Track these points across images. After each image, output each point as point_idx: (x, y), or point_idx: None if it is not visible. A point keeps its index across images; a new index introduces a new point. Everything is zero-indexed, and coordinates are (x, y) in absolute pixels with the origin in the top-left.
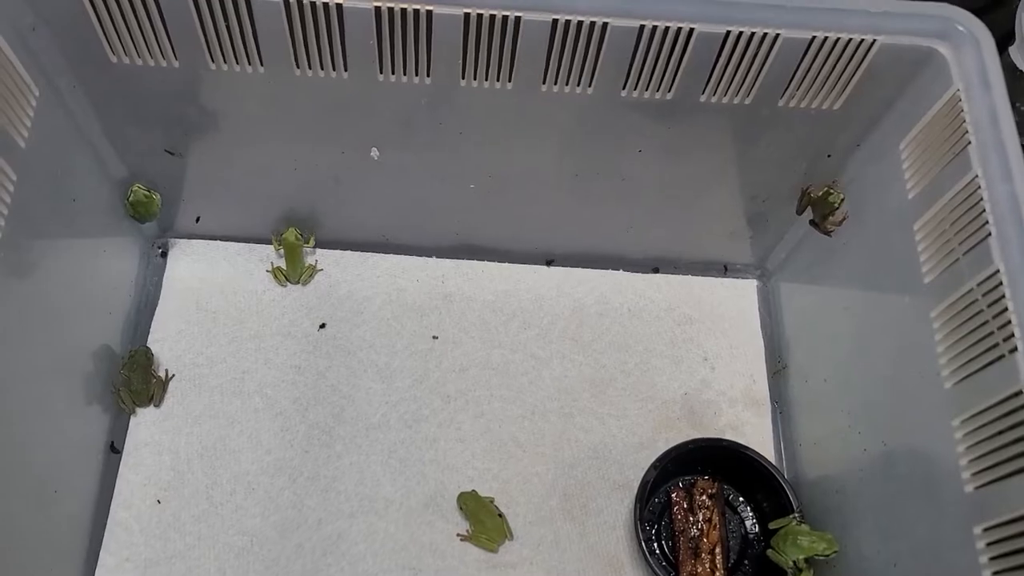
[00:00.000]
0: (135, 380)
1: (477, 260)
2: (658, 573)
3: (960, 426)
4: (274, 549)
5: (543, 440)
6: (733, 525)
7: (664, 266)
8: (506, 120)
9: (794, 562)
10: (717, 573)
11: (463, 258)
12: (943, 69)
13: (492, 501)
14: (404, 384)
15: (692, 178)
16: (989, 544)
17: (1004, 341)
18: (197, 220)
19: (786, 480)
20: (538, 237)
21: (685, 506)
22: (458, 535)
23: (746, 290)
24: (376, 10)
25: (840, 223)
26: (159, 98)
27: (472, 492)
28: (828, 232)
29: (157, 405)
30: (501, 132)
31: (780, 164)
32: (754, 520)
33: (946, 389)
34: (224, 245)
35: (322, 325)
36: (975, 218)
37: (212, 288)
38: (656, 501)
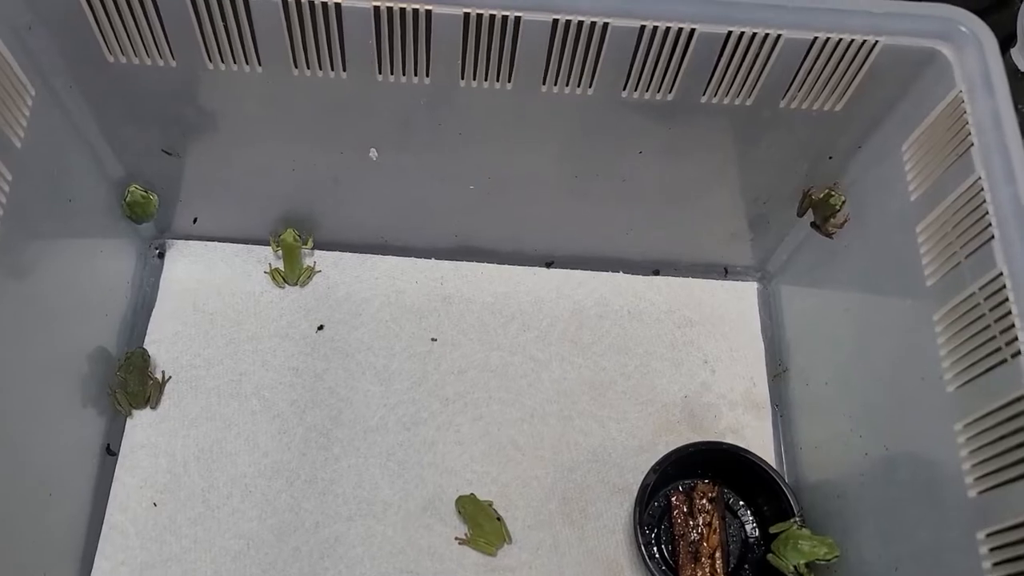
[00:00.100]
0: (131, 382)
1: (476, 262)
2: None
3: (963, 430)
4: (271, 552)
5: (542, 443)
6: (733, 529)
7: (664, 268)
8: (506, 121)
9: (795, 567)
10: None
11: (462, 260)
12: (945, 70)
13: (491, 504)
14: (402, 386)
15: (693, 180)
16: (992, 549)
17: (1007, 345)
18: (194, 221)
19: (787, 484)
20: (538, 239)
21: (685, 510)
22: (456, 539)
23: (747, 292)
24: (375, 9)
25: (841, 225)
26: (156, 98)
27: (471, 495)
28: (829, 234)
29: (153, 407)
30: (501, 133)
31: (781, 166)
32: (754, 524)
33: (948, 393)
34: (222, 246)
35: (320, 327)
36: (978, 220)
37: (209, 289)
38: (656, 505)
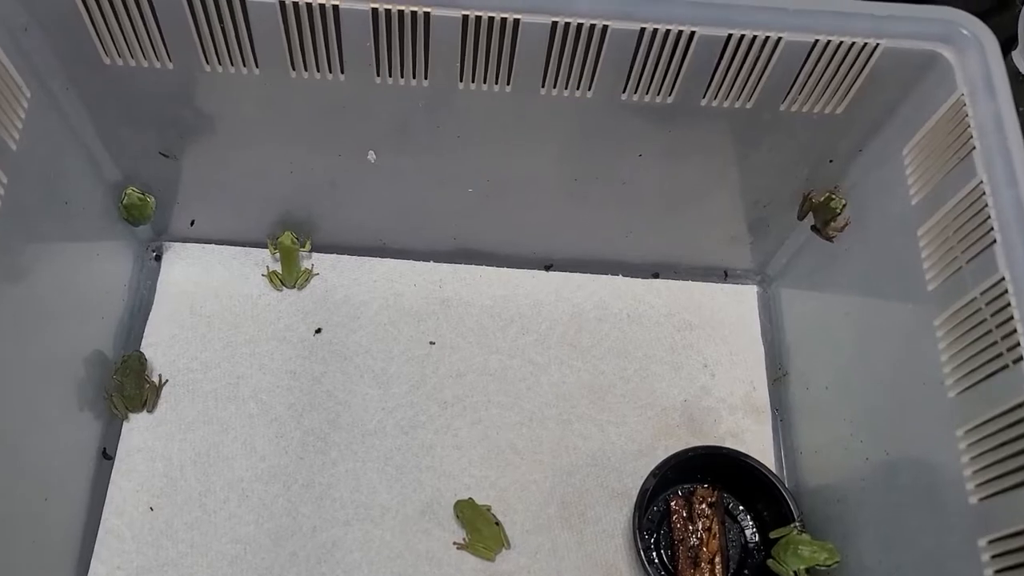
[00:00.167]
0: (128, 385)
1: (475, 265)
2: None
3: (964, 436)
4: (268, 557)
5: (541, 447)
6: (733, 534)
7: (664, 271)
8: (505, 123)
9: (795, 572)
10: None
11: (461, 263)
12: (947, 73)
13: (489, 509)
14: (401, 390)
15: (692, 183)
16: (994, 557)
17: (1009, 351)
18: (192, 223)
19: (787, 489)
20: (537, 242)
21: (684, 515)
22: (455, 543)
23: (746, 296)
24: (373, 11)
25: (842, 229)
26: (153, 100)
27: (469, 500)
28: (830, 238)
29: (150, 411)
30: (500, 135)
31: (781, 169)
32: (754, 529)
33: (950, 398)
34: (219, 249)
35: (318, 330)
36: (979, 224)
37: (207, 292)
38: (655, 509)
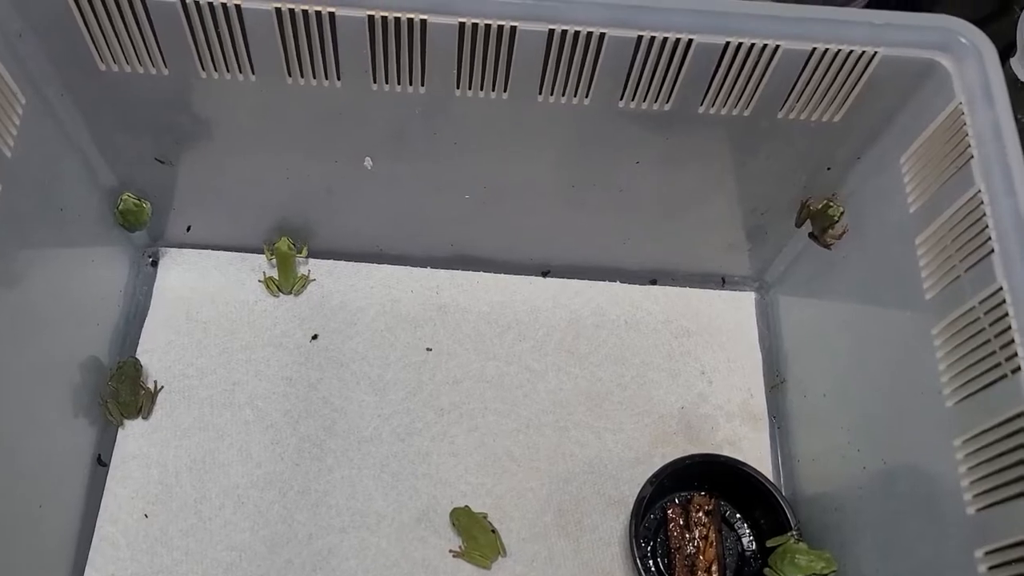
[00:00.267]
0: (123, 392)
1: (472, 271)
2: None
3: (962, 446)
4: (263, 564)
5: (538, 454)
6: (730, 542)
7: (662, 278)
8: (502, 130)
9: None
10: None
11: (458, 269)
12: (945, 81)
13: (485, 517)
14: (397, 397)
15: (690, 190)
16: (991, 568)
17: (1007, 360)
18: (188, 229)
19: (784, 497)
20: (534, 248)
21: (681, 523)
22: (451, 551)
23: (744, 303)
24: (369, 19)
25: (840, 236)
26: (149, 106)
27: (465, 507)
28: (828, 245)
29: (145, 417)
30: (497, 142)
31: (779, 176)
32: (751, 537)
33: (947, 408)
34: (215, 254)
35: (314, 336)
36: (978, 234)
37: (203, 298)
38: (652, 517)
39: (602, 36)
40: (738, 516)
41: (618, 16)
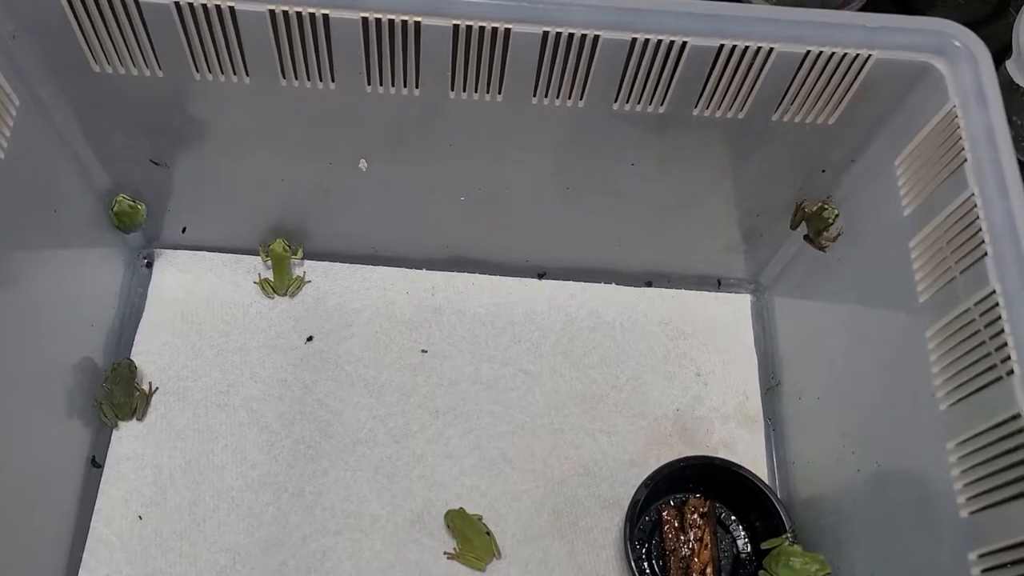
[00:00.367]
0: (118, 393)
1: (467, 273)
2: None
3: (955, 449)
4: (257, 566)
5: (533, 457)
6: (725, 545)
7: (657, 280)
8: (496, 133)
9: None
10: None
11: (453, 271)
12: (939, 84)
13: (480, 519)
14: (392, 399)
15: (685, 192)
16: (985, 571)
17: (1001, 363)
18: (183, 230)
19: (779, 500)
20: (529, 250)
21: (676, 525)
22: (445, 553)
23: (740, 305)
24: (363, 21)
25: (835, 239)
26: (143, 108)
27: (460, 509)
28: (822, 248)
29: (140, 419)
30: (491, 145)
31: (774, 179)
32: (746, 540)
33: (941, 411)
34: (210, 256)
35: (309, 338)
36: (971, 236)
37: (198, 300)
38: (647, 519)
39: (596, 38)
40: (733, 518)
41: (612, 19)
